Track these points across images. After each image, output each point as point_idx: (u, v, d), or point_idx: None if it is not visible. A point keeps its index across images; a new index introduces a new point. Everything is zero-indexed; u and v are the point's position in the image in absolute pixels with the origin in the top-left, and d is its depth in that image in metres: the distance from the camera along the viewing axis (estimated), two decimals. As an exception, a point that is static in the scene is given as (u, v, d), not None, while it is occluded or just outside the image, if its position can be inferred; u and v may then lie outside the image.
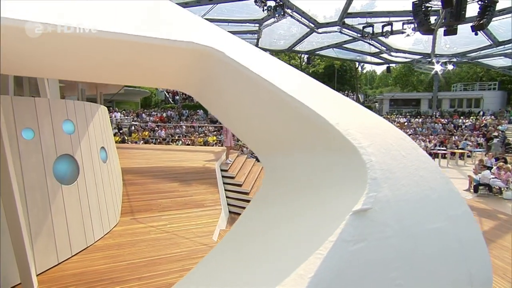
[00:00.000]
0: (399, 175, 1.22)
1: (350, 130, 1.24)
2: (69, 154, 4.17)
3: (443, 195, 1.28)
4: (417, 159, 1.31)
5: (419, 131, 23.00)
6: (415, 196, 1.21)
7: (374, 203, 1.08)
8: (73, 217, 4.07)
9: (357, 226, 1.03)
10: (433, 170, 1.32)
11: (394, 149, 1.30)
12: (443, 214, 1.25)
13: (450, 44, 22.49)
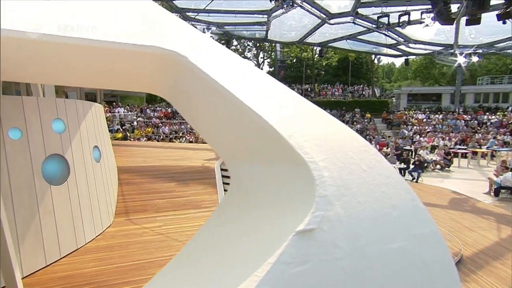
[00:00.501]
0: (356, 191, 1.19)
1: (306, 142, 1.22)
2: (59, 153, 4.28)
3: (407, 213, 1.25)
4: (380, 173, 1.29)
5: (439, 128, 22.45)
6: (373, 214, 1.19)
7: (321, 222, 1.06)
8: (62, 218, 4.18)
9: (300, 247, 1.02)
10: (398, 185, 1.29)
11: (354, 162, 1.28)
12: (405, 233, 1.22)
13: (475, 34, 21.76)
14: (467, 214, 7.32)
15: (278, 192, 1.30)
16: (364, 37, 21.75)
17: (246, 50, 34.90)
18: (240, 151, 1.52)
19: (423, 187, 9.71)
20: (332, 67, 45.33)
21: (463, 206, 8.06)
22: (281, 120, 1.28)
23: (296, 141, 1.20)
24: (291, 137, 1.21)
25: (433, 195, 8.72)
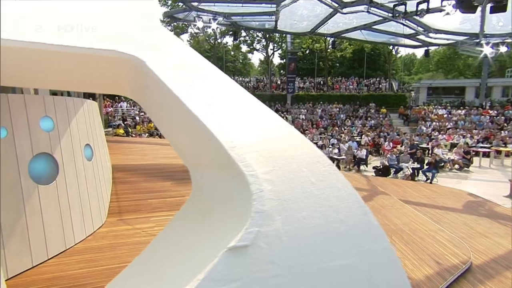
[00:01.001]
0: (300, 205, 1.19)
1: (252, 153, 1.22)
2: (47, 152, 4.39)
3: (357, 228, 1.24)
4: (330, 186, 1.28)
5: (461, 124, 21.92)
6: (317, 229, 1.18)
7: (256, 238, 1.07)
8: (50, 218, 4.31)
9: (231, 265, 1.03)
10: (349, 198, 1.28)
11: (303, 175, 1.27)
12: (353, 250, 1.22)
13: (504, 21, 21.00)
14: (482, 219, 7.16)
15: (225, 204, 1.32)
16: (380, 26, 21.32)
17: (255, 42, 34.78)
18: (195, 157, 1.54)
19: (437, 188, 9.54)
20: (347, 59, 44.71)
21: (479, 210, 7.88)
22: (229, 130, 1.29)
23: (238, 152, 1.20)
24: (233, 148, 1.21)
25: (446, 197, 8.56)
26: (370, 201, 7.76)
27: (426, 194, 8.87)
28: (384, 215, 6.88)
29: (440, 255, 5.17)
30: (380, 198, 8.05)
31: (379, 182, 9.94)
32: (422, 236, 5.85)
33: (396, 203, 7.69)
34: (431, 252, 5.28)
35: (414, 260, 4.99)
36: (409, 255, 5.16)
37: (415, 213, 7.00)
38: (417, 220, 6.62)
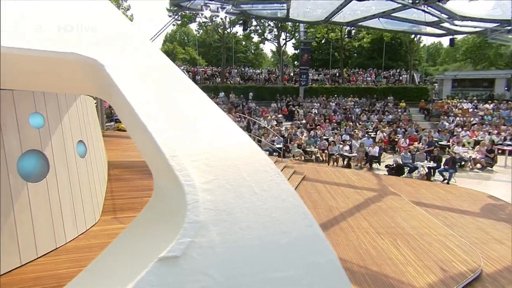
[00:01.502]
0: (240, 216, 1.21)
1: (193, 163, 1.25)
2: (37, 149, 4.54)
3: (300, 240, 1.25)
4: (274, 197, 1.29)
5: (487, 120, 21.28)
6: (256, 241, 1.20)
7: (187, 249, 1.09)
8: (40, 216, 4.46)
9: (161, 275, 1.06)
10: (294, 210, 1.29)
11: (246, 184, 1.29)
12: (295, 262, 1.23)
13: (541, 7, 20.18)
14: (500, 224, 6.99)
15: (169, 213, 1.35)
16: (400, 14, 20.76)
17: (266, 31, 34.55)
18: (150, 162, 1.58)
19: (454, 189, 9.35)
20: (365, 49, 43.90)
21: (498, 214, 7.69)
22: (175, 138, 1.31)
23: (179, 161, 1.22)
24: (174, 157, 1.23)
25: (463, 200, 8.38)
26: (378, 202, 7.69)
27: (441, 195, 8.71)
28: (391, 217, 6.81)
29: (447, 262, 5.09)
30: (389, 199, 7.97)
31: (391, 182, 9.82)
32: (430, 241, 5.78)
33: (406, 204, 7.59)
34: (438, 258, 5.21)
35: (418, 267, 4.94)
36: (413, 261, 5.11)
37: (425, 216, 6.90)
38: (427, 223, 6.53)
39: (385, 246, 5.60)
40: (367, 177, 9.91)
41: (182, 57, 40.74)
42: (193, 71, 31.50)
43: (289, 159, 13.44)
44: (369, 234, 6.07)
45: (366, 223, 6.54)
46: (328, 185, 9.06)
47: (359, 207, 7.38)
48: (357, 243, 5.73)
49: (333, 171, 10.43)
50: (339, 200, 7.85)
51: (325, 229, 6.25)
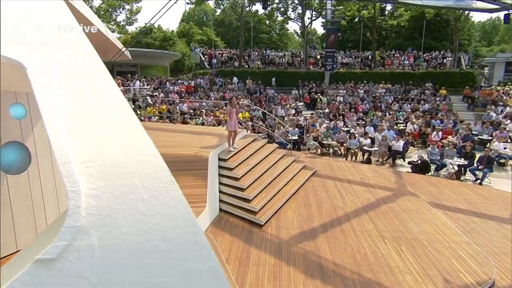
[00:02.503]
0: (122, 222, 1.37)
1: (84, 169, 1.42)
2: (18, 141, 4.89)
3: (182, 247, 1.39)
4: (161, 204, 1.44)
5: (542, 111, 20.10)
6: (135, 246, 1.35)
7: (63, 252, 1.26)
8: (20, 209, 4.84)
9: (35, 276, 1.24)
10: (179, 217, 1.43)
11: (135, 191, 1.44)
12: (174, 268, 1.37)
13: None
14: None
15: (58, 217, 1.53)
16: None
17: (289, 9, 34.13)
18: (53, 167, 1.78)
19: (485, 191, 9.06)
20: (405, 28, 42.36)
21: (531, 220, 7.42)
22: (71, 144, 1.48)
23: (68, 168, 1.40)
24: (65, 164, 1.40)
25: (493, 203, 8.13)
26: (391, 203, 7.63)
27: (468, 197, 8.48)
28: (401, 220, 6.77)
29: (453, 272, 5.05)
30: (405, 199, 7.88)
31: (413, 180, 9.65)
32: (439, 248, 5.72)
33: (423, 207, 7.49)
34: (444, 267, 5.17)
35: (418, 276, 4.94)
36: (414, 269, 5.11)
37: (441, 220, 6.80)
38: (441, 228, 6.44)
39: (387, 252, 5.61)
40: (385, 174, 9.79)
41: (199, 38, 41.12)
42: (209, 54, 31.76)
43: (304, 153, 13.47)
44: (372, 238, 6.09)
45: (371, 225, 6.55)
46: (340, 182, 9.06)
47: (367, 208, 7.37)
48: (356, 247, 5.77)
49: (348, 167, 10.38)
50: (347, 199, 7.86)
51: (324, 231, 6.33)
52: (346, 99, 21.77)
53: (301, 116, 17.78)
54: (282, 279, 4.88)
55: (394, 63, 30.95)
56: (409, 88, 24.38)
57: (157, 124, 13.17)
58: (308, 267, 5.20)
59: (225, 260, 5.32)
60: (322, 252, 5.63)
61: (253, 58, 31.43)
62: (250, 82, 23.84)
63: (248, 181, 7.51)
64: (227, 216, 7.09)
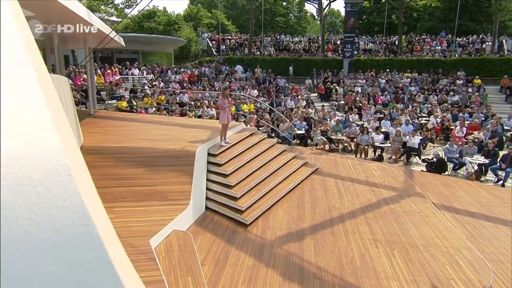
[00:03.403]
0: (11, 213, 1.60)
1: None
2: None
3: (72, 238, 1.62)
4: (56, 196, 1.66)
5: None
6: (25, 236, 1.59)
7: None
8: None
9: None
10: (73, 209, 1.66)
11: (30, 183, 1.68)
12: (62, 258, 1.60)
13: None
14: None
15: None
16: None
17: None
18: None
19: (504, 193, 8.99)
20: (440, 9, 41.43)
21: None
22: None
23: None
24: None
25: (510, 207, 8.08)
26: (393, 204, 7.71)
27: (484, 200, 8.45)
28: (401, 222, 6.86)
29: (445, 279, 5.15)
30: (409, 201, 7.94)
31: (424, 180, 9.66)
32: (435, 254, 5.81)
33: (428, 209, 7.54)
34: (435, 274, 5.27)
35: (404, 282, 5.07)
36: (402, 275, 5.23)
37: (444, 224, 6.85)
38: (443, 232, 6.50)
39: (376, 256, 5.74)
40: (394, 173, 9.83)
41: (208, 22, 41.40)
42: (217, 40, 32.00)
43: (310, 148, 13.59)
44: (363, 240, 6.22)
45: (366, 228, 6.67)
46: (342, 180, 9.17)
47: (366, 209, 7.48)
48: (344, 250, 5.92)
49: (354, 164, 10.45)
50: (345, 199, 7.98)
51: (313, 232, 6.49)
52: (365, 90, 21.64)
53: (313, 108, 17.83)
54: (258, 282, 5.10)
55: (424, 49, 30.42)
56: (438, 77, 24.01)
57: (151, 117, 13.53)
58: (288, 270, 5.39)
59: (202, 261, 5.56)
60: (306, 254, 5.81)
61: (266, 44, 31.48)
62: (259, 71, 23.96)
63: (237, 178, 7.73)
64: (213, 214, 7.33)
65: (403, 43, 30.60)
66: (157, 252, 5.50)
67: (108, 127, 10.33)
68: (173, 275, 4.99)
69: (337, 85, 22.46)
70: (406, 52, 30.04)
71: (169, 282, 4.81)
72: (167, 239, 5.91)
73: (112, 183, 7.12)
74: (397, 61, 26.84)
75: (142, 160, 7.77)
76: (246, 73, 24.25)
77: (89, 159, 7.66)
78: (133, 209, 6.50)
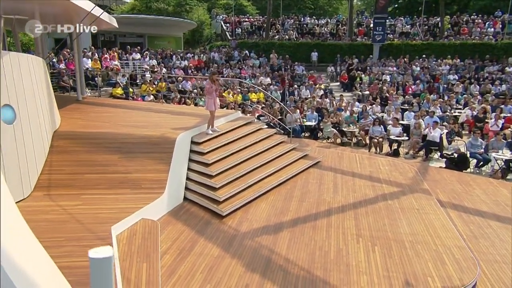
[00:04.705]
0: None
1: None
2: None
3: None
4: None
5: None
6: None
7: None
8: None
9: None
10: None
11: None
12: None
13: None
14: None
15: None
16: None
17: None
18: None
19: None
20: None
21: None
22: None
23: None
24: None
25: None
26: (392, 200, 7.95)
27: (502, 199, 8.53)
28: (393, 219, 7.10)
29: (422, 276, 5.40)
30: (411, 197, 8.14)
31: (439, 177, 9.80)
32: (421, 251, 6.05)
33: (430, 206, 7.72)
34: (413, 270, 5.53)
35: (376, 277, 5.37)
36: (376, 270, 5.53)
37: (444, 222, 7.04)
38: (438, 231, 6.70)
39: (354, 251, 6.04)
40: (404, 168, 9.99)
41: (224, 2, 41.94)
42: (232, 23, 32.48)
43: (322, 141, 13.86)
44: (345, 235, 6.52)
45: (352, 223, 6.95)
46: (342, 175, 9.44)
47: (359, 204, 7.75)
48: (321, 244, 6.25)
49: (362, 159, 10.67)
50: (340, 193, 8.27)
51: (292, 226, 6.84)
52: (395, 79, 21.60)
53: (330, 99, 18.02)
54: (218, 271, 5.51)
55: (474, 31, 29.79)
56: (484, 64, 23.62)
57: (142, 104, 14.15)
58: (254, 261, 5.77)
59: (165, 250, 6.02)
60: (278, 247, 6.17)
61: (287, 27, 31.72)
62: (274, 57, 24.29)
63: (220, 168, 8.15)
64: (190, 205, 7.79)
65: (446, 25, 30.13)
66: (118, 239, 6.00)
67: (93, 113, 10.99)
68: (128, 260, 5.47)
69: (363, 73, 22.50)
70: (450, 35, 29.55)
71: (122, 267, 5.29)
72: (132, 227, 6.39)
73: (84, 169, 7.70)
74: (437, 45, 26.52)
75: (118, 146, 8.32)
76: (260, 59, 24.61)
77: (62, 144, 8.30)
78: (103, 197, 7.06)
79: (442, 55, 24.88)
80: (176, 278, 5.36)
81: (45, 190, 7.18)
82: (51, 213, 6.42)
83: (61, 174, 7.57)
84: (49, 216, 6.29)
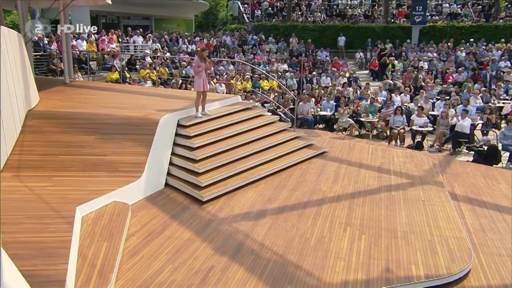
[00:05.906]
0: None
1: None
2: None
3: None
4: None
5: None
6: None
7: None
8: None
9: None
10: None
11: None
12: None
13: None
14: None
15: None
16: None
17: None
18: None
19: None
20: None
21: None
22: None
23: None
24: None
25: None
26: (396, 191, 8.25)
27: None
28: (392, 210, 7.42)
29: (405, 264, 5.74)
30: (420, 189, 8.43)
31: (461, 170, 9.99)
32: (412, 241, 6.36)
33: (438, 198, 7.98)
34: (398, 259, 5.87)
35: (353, 263, 5.74)
36: (357, 257, 5.89)
37: (449, 214, 7.30)
38: (439, 222, 6.99)
39: (338, 238, 6.40)
40: (421, 160, 10.22)
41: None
42: (252, 4, 33.02)
43: (337, 133, 14.19)
44: (333, 224, 6.88)
45: (344, 212, 7.30)
46: (347, 165, 9.77)
47: (358, 194, 8.08)
48: (303, 231, 6.63)
49: (375, 150, 10.96)
50: (339, 184, 8.61)
51: (277, 213, 7.24)
52: (435, 66, 21.62)
53: (355, 88, 18.26)
54: (184, 253, 5.96)
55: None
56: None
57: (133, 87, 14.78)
58: (225, 245, 6.20)
59: (133, 232, 6.52)
60: (255, 233, 6.58)
61: (313, 8, 32.03)
62: (295, 41, 24.66)
63: (206, 152, 8.62)
64: (171, 191, 8.27)
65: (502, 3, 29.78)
66: (84, 220, 6.53)
67: (76, 95, 11.68)
68: (89, 240, 5.98)
69: (396, 59, 22.61)
70: (509, 16, 29.22)
71: (82, 245, 5.80)
72: (101, 209, 6.91)
73: (57, 150, 8.30)
74: (489, 27, 26.26)
75: (96, 127, 8.91)
76: (279, 44, 25.03)
77: (36, 123, 8.95)
78: (75, 179, 7.62)
79: (494, 39, 24.66)
80: (138, 259, 5.84)
81: (14, 171, 7.78)
82: (16, 193, 6.99)
83: (33, 155, 8.18)
84: (14, 195, 6.85)
